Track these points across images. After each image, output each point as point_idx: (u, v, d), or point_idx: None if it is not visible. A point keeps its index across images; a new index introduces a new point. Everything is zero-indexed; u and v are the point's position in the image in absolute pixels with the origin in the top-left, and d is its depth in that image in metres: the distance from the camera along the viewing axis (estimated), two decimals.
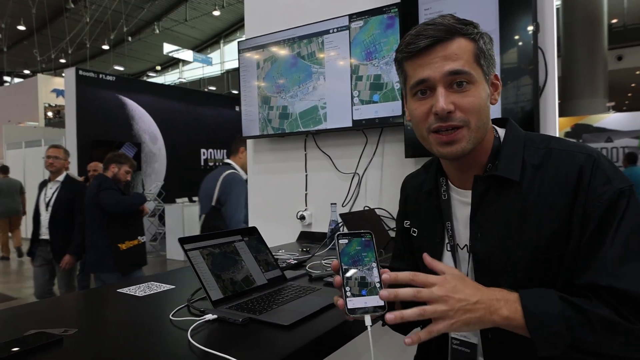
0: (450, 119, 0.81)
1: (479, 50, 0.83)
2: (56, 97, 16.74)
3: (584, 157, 0.80)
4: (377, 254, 0.80)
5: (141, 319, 1.21)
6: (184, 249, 1.26)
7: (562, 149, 0.83)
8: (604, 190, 0.76)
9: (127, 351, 0.97)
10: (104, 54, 22.14)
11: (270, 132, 2.51)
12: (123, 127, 10.63)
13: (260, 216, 2.70)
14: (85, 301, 1.47)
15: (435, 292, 0.71)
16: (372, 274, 0.78)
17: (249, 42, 2.59)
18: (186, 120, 12.01)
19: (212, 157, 12.79)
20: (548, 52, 1.82)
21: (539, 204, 0.81)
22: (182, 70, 25.32)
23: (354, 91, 2.20)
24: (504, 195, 0.85)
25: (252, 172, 2.77)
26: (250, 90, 2.59)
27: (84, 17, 18.27)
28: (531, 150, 0.85)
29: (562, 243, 0.78)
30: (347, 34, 2.21)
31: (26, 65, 23.61)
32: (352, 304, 0.75)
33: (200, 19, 20.02)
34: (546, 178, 0.81)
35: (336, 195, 2.36)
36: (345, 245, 0.80)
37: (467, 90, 0.81)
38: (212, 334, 1.04)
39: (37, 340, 0.97)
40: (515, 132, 0.90)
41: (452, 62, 0.80)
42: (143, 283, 1.53)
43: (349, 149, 2.34)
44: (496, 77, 0.89)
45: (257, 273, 1.39)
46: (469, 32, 0.82)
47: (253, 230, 1.53)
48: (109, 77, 10.64)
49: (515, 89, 1.78)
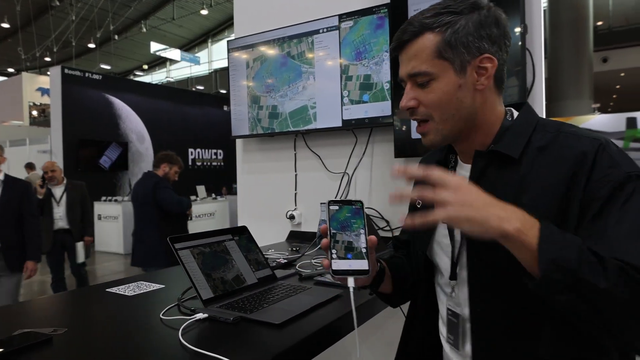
0: (414, 114, 0.88)
1: (443, 43, 0.82)
2: (41, 95, 16.53)
3: (589, 140, 0.78)
4: (366, 221, 0.83)
5: (131, 319, 1.20)
6: (174, 248, 1.26)
7: (571, 132, 0.82)
8: (610, 172, 0.74)
9: (118, 351, 0.96)
10: (90, 52, 21.85)
11: (260, 131, 2.51)
12: (110, 126, 10.54)
13: (250, 216, 2.70)
14: (75, 301, 1.46)
15: (449, 181, 0.71)
16: (359, 240, 0.81)
17: (239, 41, 2.59)
18: (174, 119, 11.94)
19: (200, 157, 12.73)
20: (536, 53, 1.85)
21: (534, 184, 0.80)
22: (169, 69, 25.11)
23: (344, 91, 2.21)
24: (502, 171, 0.85)
25: (241, 171, 2.76)
26: (239, 90, 2.59)
27: (69, 14, 18.00)
28: (540, 134, 0.84)
29: (556, 221, 0.74)
30: (337, 34, 2.22)
31: (10, 64, 23.19)
32: (337, 265, 0.80)
33: (187, 17, 19.87)
34: (547, 158, 0.81)
35: (326, 195, 2.36)
36: (336, 211, 0.83)
37: (428, 87, 0.85)
38: (203, 333, 1.04)
39: (26, 339, 0.96)
40: (528, 115, 0.89)
41: (412, 63, 0.85)
42: (132, 282, 1.52)
43: (339, 149, 2.35)
44: (485, 60, 0.84)
45: (248, 272, 1.39)
46: (433, 26, 0.83)
47: (243, 229, 1.53)
48: (96, 76, 10.54)
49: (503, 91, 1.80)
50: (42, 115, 16.29)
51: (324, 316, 1.15)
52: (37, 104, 16.80)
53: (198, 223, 8.65)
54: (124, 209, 8.68)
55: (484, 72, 0.85)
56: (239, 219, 2.75)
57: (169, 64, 24.49)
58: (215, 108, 13.05)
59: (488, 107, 0.88)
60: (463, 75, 0.84)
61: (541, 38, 1.86)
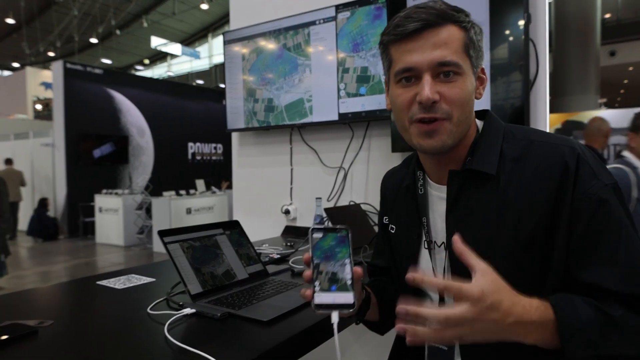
0: (433, 110, 0.77)
1: (469, 40, 0.79)
2: (45, 90, 16.56)
3: (567, 149, 0.76)
4: (351, 250, 0.77)
5: (119, 312, 1.18)
6: (163, 242, 1.24)
7: (543, 140, 0.79)
8: (592, 185, 0.72)
9: (103, 344, 0.95)
10: (93, 47, 21.85)
11: (256, 125, 2.48)
12: (111, 120, 10.56)
13: (245, 210, 2.68)
14: (64, 293, 1.44)
15: (465, 315, 0.61)
16: (344, 271, 0.75)
17: (235, 33, 2.56)
18: (174, 113, 11.97)
19: (200, 150, 12.73)
20: (539, 45, 1.79)
21: (518, 199, 0.76)
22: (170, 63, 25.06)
23: (341, 84, 2.18)
24: (481, 190, 0.80)
25: (236, 165, 2.74)
26: (235, 83, 2.56)
27: (72, 10, 17.99)
28: (511, 143, 0.81)
29: (543, 239, 0.74)
30: (333, 25, 2.19)
31: (15, 59, 23.24)
32: (320, 299, 0.74)
33: (188, 12, 19.79)
34: (527, 171, 0.77)
35: (322, 190, 2.34)
36: (319, 239, 0.77)
37: (454, 81, 0.77)
38: (189, 329, 1.02)
39: (11, 331, 0.95)
40: (494, 123, 0.85)
41: (441, 51, 0.76)
42: (123, 276, 1.50)
43: (335, 143, 2.32)
44: (483, 70, 0.84)
45: (238, 267, 1.37)
46: (460, 19, 0.78)
47: (235, 223, 1.50)
48: (97, 70, 10.55)
49: (505, 83, 1.75)
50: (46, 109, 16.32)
51: (314, 314, 1.12)
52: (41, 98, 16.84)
53: (197, 217, 8.65)
54: (124, 202, 8.72)
55: (481, 83, 0.84)
56: (234, 214, 2.73)
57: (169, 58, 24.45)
58: (214, 102, 13.03)
59: (473, 117, 0.86)
60: (474, 79, 0.82)
61: (545, 28, 1.80)
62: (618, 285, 0.68)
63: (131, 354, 0.91)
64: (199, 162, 12.66)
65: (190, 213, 8.61)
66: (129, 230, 8.71)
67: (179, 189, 8.92)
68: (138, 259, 7.53)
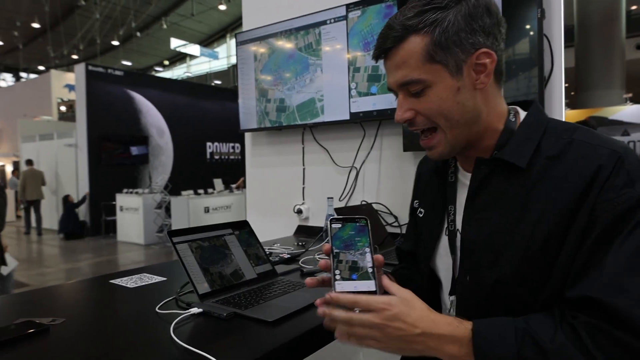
0: (414, 125, 0.80)
1: (433, 45, 0.74)
2: (68, 92, 16.96)
3: (607, 152, 0.69)
4: (371, 239, 0.77)
5: (128, 311, 1.21)
6: (172, 242, 1.25)
7: (585, 140, 0.73)
8: (623, 193, 0.66)
9: (110, 342, 0.97)
10: (114, 49, 22.32)
11: (268, 125, 2.49)
12: (131, 120, 10.77)
13: (258, 210, 2.69)
14: (78, 291, 1.48)
15: (371, 319, 0.66)
16: (364, 259, 0.74)
17: (247, 34, 2.57)
18: (192, 114, 12.13)
19: (218, 150, 12.86)
20: (554, 40, 1.74)
21: (544, 197, 0.72)
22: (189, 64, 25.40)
23: (352, 83, 2.17)
24: (508, 182, 0.77)
25: (249, 165, 2.76)
26: (248, 83, 2.58)
27: (94, 13, 18.42)
28: (551, 139, 0.75)
29: (557, 243, 0.70)
30: (344, 24, 2.18)
31: (41, 62, 23.92)
32: (341, 287, 0.72)
33: (206, 13, 20.03)
34: (559, 170, 0.72)
35: (334, 189, 2.34)
36: (338, 229, 0.78)
37: (423, 96, 0.77)
38: (195, 328, 1.03)
39: (24, 328, 0.98)
40: (537, 117, 0.80)
41: (401, 71, 0.77)
42: (136, 275, 1.53)
43: (347, 142, 2.32)
44: (482, 55, 0.76)
45: (247, 267, 1.38)
46: (419, 27, 0.74)
47: (244, 223, 1.51)
48: (118, 72, 10.76)
49: (518, 80, 1.72)
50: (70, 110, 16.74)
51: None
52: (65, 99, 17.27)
53: (215, 215, 8.76)
54: (144, 201, 8.88)
55: (483, 69, 0.76)
56: (247, 213, 2.75)
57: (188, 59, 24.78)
58: (232, 102, 13.14)
59: (491, 105, 0.80)
60: (460, 76, 0.75)
61: (561, 23, 1.75)
62: (596, 292, 0.65)
63: (137, 352, 0.93)
64: (217, 162, 12.80)
65: (208, 212, 8.72)
66: (149, 229, 8.87)
67: (198, 188, 9.04)
68: (157, 257, 7.67)
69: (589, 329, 0.63)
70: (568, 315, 0.66)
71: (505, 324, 0.68)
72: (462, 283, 0.83)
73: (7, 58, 23.82)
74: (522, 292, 0.74)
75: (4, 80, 26.23)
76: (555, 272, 0.71)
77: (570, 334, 0.64)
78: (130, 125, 10.71)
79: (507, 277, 0.74)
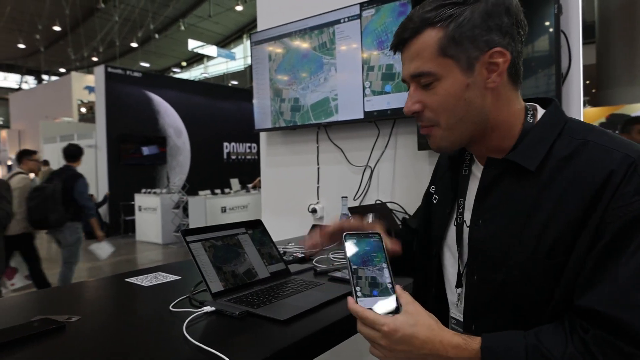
0: (420, 119, 0.81)
1: (447, 39, 0.74)
2: (88, 93, 17.28)
3: (620, 156, 0.68)
4: (387, 255, 0.78)
5: (142, 309, 1.22)
6: (185, 241, 1.26)
7: (599, 142, 0.71)
8: (634, 200, 0.65)
9: (123, 340, 0.98)
10: (133, 51, 22.69)
11: (282, 124, 2.50)
12: (149, 121, 10.90)
13: (273, 209, 2.70)
14: (94, 290, 1.50)
15: (378, 341, 0.70)
16: (382, 275, 0.76)
17: (261, 34, 2.58)
18: (209, 114, 12.22)
19: (235, 150, 12.95)
20: (572, 36, 1.71)
21: (554, 200, 0.71)
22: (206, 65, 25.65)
23: (366, 82, 2.16)
24: (518, 184, 0.76)
25: (264, 165, 2.77)
26: (262, 83, 2.59)
27: (113, 16, 18.75)
28: (565, 140, 0.74)
29: (565, 249, 0.69)
30: (358, 23, 2.17)
31: (62, 64, 24.47)
32: (364, 304, 0.73)
33: (223, 14, 20.20)
34: (570, 173, 0.71)
35: (348, 189, 2.33)
36: (354, 245, 0.79)
37: (433, 89, 0.77)
38: (207, 327, 1.04)
39: (41, 326, 1.00)
40: (553, 116, 0.79)
41: (415, 63, 0.78)
42: (151, 273, 1.54)
43: (361, 142, 2.31)
44: (496, 54, 0.75)
45: (260, 266, 1.38)
46: (435, 20, 0.75)
47: (258, 223, 1.51)
48: (136, 74, 10.91)
49: (536, 78, 1.69)
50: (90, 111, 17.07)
51: (332, 314, 1.12)
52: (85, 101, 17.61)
53: (232, 215, 8.82)
54: (162, 201, 8.99)
55: (495, 68, 0.75)
56: (262, 212, 2.76)
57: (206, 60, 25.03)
58: (248, 102, 13.19)
59: (503, 106, 0.78)
60: (471, 73, 0.75)
61: (579, 18, 1.71)
62: (603, 305, 0.64)
63: (149, 349, 0.94)
64: (233, 162, 12.89)
65: (225, 212, 8.79)
66: (167, 229, 8.98)
67: (215, 188, 9.11)
68: (175, 256, 7.76)
69: (600, 344, 0.62)
70: (579, 329, 0.65)
71: (515, 340, 0.67)
72: (470, 281, 0.83)
73: (29, 61, 24.43)
74: (530, 292, 0.74)
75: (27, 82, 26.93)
76: (565, 277, 0.70)
77: (582, 347, 0.63)
78: (149, 126, 10.85)
79: (514, 278, 0.74)
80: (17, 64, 24.99)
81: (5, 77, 26.55)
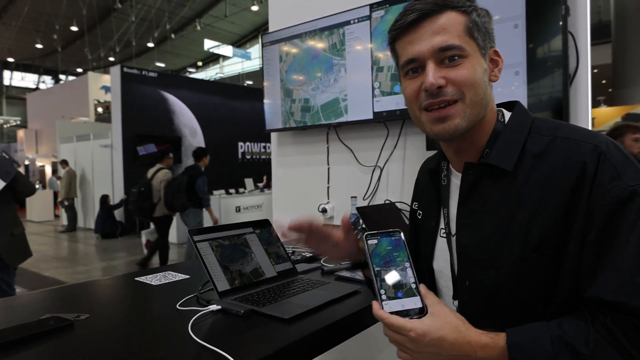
0: (441, 94, 0.76)
1: (471, 23, 0.77)
2: (105, 93, 17.51)
3: (589, 147, 0.71)
4: (409, 252, 0.76)
5: (150, 308, 1.24)
6: (193, 240, 1.28)
7: (568, 137, 0.74)
8: (612, 187, 0.67)
9: (130, 338, 1.00)
10: (149, 51, 22.98)
11: (293, 125, 2.51)
12: (164, 121, 10.99)
13: (283, 209, 2.72)
14: (103, 288, 1.54)
15: (406, 345, 0.70)
16: (406, 275, 0.73)
17: (272, 35, 2.60)
18: (224, 114, 12.27)
19: (249, 150, 13.00)
20: (580, 37, 1.69)
21: (533, 197, 0.73)
22: (222, 65, 25.84)
23: (375, 82, 2.16)
24: (497, 185, 0.78)
25: (275, 165, 2.79)
26: (273, 84, 2.60)
27: (130, 16, 19.01)
28: (535, 138, 0.77)
29: (554, 243, 0.71)
30: (367, 24, 2.17)
31: (79, 64, 24.91)
32: (389, 307, 0.71)
33: (239, 14, 20.34)
34: (544, 169, 0.74)
35: (358, 189, 2.33)
36: (375, 245, 0.76)
37: (459, 64, 0.76)
38: (213, 325, 1.05)
39: (49, 324, 1.02)
40: (521, 116, 0.82)
41: (440, 36, 0.76)
42: (160, 272, 1.57)
43: (371, 142, 2.31)
44: (496, 52, 0.82)
45: (267, 265, 1.40)
46: (459, 4, 0.77)
47: (265, 222, 1.53)
48: (152, 74, 11.02)
49: (542, 79, 1.67)
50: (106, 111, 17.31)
51: (337, 312, 1.13)
52: (102, 101, 17.86)
53: (246, 214, 8.87)
54: None
55: (496, 65, 0.82)
56: (273, 212, 2.78)
57: (221, 60, 25.22)
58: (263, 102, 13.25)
59: (492, 102, 0.83)
60: (485, 61, 0.79)
61: (587, 19, 1.70)
62: (611, 294, 0.65)
63: (155, 347, 0.96)
64: (248, 162, 12.94)
65: (240, 211, 8.84)
66: (182, 228, 9.04)
67: (230, 187, 9.16)
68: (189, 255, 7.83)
69: (622, 327, 0.63)
70: (599, 314, 0.66)
71: (540, 332, 0.68)
72: (462, 288, 0.83)
73: (46, 61, 24.92)
74: (523, 292, 0.74)
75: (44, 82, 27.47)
76: (564, 276, 0.71)
77: (604, 331, 0.64)
78: (164, 126, 10.94)
79: (505, 279, 0.75)
80: (35, 64, 25.51)
81: (23, 77, 27.13)
